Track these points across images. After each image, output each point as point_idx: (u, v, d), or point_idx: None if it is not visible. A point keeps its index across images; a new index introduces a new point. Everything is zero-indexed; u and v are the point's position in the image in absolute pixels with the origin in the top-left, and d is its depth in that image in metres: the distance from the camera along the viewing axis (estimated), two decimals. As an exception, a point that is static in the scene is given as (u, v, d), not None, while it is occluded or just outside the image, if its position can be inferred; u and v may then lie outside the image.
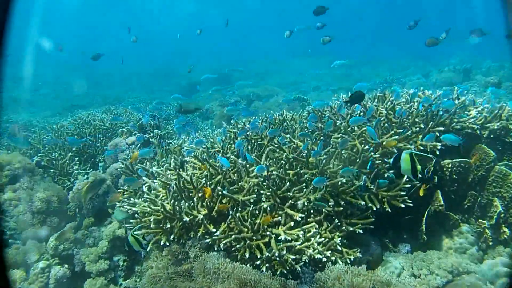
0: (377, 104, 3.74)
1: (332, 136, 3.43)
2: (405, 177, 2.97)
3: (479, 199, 3.05)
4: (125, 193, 3.28)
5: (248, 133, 3.78)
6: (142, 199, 2.97)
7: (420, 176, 2.57)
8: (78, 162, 4.80)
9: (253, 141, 3.58)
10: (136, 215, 2.89)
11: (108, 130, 5.44)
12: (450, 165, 3.07)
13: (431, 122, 3.10)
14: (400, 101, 3.53)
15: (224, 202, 2.88)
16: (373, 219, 2.83)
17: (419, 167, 2.51)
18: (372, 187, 2.94)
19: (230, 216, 2.74)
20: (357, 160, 3.11)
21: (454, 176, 3.08)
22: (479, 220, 2.95)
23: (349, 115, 3.55)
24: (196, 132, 4.26)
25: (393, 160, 2.69)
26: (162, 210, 2.74)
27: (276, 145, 3.32)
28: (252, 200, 2.82)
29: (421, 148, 3.05)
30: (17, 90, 13.99)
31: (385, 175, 3.00)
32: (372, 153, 3.02)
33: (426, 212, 2.99)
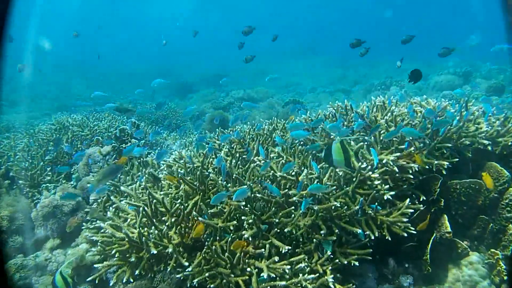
0: (375, 113, 3.38)
1: (326, 151, 3.07)
2: (407, 201, 2.62)
3: (491, 224, 2.70)
4: (90, 216, 2.90)
5: (233, 145, 3.42)
6: (107, 223, 2.59)
7: (353, 165, 2.39)
8: (50, 173, 4.40)
9: (237, 155, 3.21)
10: (99, 243, 2.51)
11: (87, 137, 5.05)
12: (458, 186, 2.71)
13: (438, 137, 2.74)
14: (402, 111, 3.17)
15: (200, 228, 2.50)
16: (371, 250, 2.46)
17: (352, 153, 2.36)
18: (370, 211, 2.58)
19: (206, 247, 2.37)
20: (354, 179, 2.75)
21: (463, 198, 2.73)
22: (492, 250, 2.59)
23: (345, 127, 3.18)
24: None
25: (324, 153, 2.38)
26: (127, 239, 2.36)
27: (262, 161, 2.96)
28: (232, 228, 2.45)
29: (426, 167, 2.69)
30: (7, 89, 13.51)
31: (385, 198, 2.63)
32: (370, 172, 2.66)
33: (431, 240, 2.63)
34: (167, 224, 2.55)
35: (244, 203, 2.49)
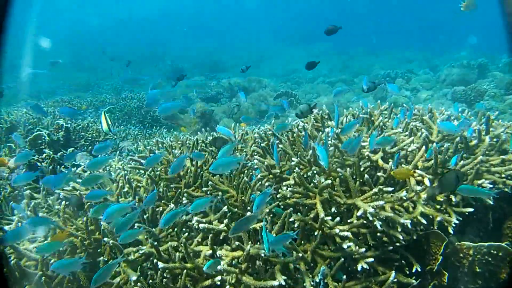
0: (360, 128, 2.46)
1: (283, 184, 2.17)
2: (392, 274, 1.72)
3: (518, 311, 1.80)
4: None
5: (159, 170, 2.51)
6: None
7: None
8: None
9: (165, 182, 2.32)
10: None
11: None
12: (471, 252, 1.81)
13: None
14: (396, 130, 2.24)
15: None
16: None
17: (109, 123, 2.78)
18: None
19: None
20: (315, 233, 1.86)
21: (477, 269, 1.83)
22: None
23: (312, 148, 2.25)
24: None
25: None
26: None
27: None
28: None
29: (423, 221, 1.78)
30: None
31: (359, 267, 1.74)
32: (337, 230, 1.76)
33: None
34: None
35: (135, 277, 1.61)
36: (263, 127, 2.89)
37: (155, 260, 1.67)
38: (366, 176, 1.86)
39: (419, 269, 1.76)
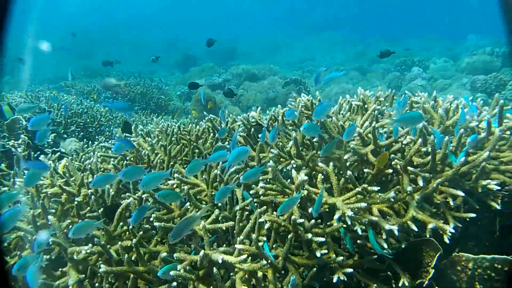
0: (352, 117, 2.18)
1: (260, 178, 1.92)
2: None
3: (526, 336, 1.52)
4: None
5: (128, 158, 2.30)
6: None
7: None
8: None
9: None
10: None
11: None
12: (470, 265, 1.53)
13: (441, 176, 1.53)
14: (388, 120, 1.95)
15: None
16: None
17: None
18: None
19: None
20: (289, 237, 1.62)
21: (477, 286, 1.55)
22: None
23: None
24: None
25: None
26: None
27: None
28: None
29: (413, 227, 1.51)
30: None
31: (334, 279, 1.50)
32: (310, 235, 1.51)
33: None
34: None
35: (72, 281, 1.42)
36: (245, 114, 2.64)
37: (99, 263, 1.48)
38: (349, 172, 1.60)
39: (406, 283, 1.50)
